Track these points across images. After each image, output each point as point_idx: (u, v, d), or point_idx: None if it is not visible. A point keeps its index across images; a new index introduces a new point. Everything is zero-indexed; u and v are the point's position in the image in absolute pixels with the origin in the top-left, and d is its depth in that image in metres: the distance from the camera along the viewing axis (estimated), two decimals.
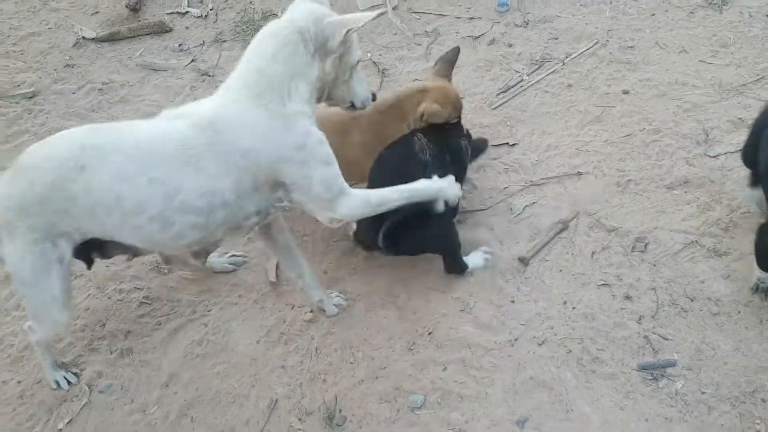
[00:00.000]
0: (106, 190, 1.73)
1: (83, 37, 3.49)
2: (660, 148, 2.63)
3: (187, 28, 3.51)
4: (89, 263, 2.02)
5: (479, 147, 2.61)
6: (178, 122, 1.80)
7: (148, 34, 3.48)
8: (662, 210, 2.42)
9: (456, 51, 2.46)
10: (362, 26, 1.81)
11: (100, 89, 3.24)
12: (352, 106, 2.05)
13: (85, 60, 3.40)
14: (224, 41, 3.41)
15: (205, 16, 3.56)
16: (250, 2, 3.58)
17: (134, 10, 3.57)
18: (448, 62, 2.44)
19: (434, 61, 2.56)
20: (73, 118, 3.12)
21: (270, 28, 1.87)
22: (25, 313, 2.42)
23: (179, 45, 3.42)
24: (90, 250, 1.94)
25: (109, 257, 2.05)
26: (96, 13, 3.66)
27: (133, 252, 2.01)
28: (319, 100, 1.98)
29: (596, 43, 3.07)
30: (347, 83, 1.99)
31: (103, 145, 1.75)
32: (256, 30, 3.35)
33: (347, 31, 1.80)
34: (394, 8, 3.43)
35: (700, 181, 2.48)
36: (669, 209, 2.42)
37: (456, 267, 2.30)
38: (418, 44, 3.24)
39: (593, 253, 2.33)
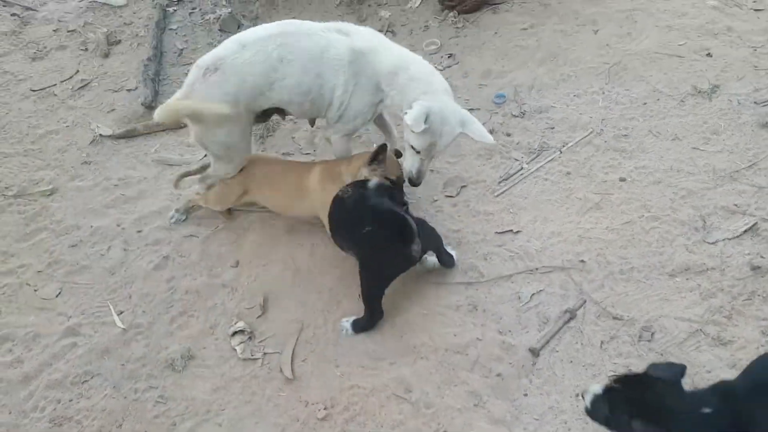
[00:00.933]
0: (292, 77, 2.59)
1: (100, 134, 3.64)
2: (659, 235, 2.71)
3: None
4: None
5: None
6: (341, 38, 2.61)
7: (163, 131, 3.63)
8: (665, 298, 2.49)
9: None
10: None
11: (116, 185, 3.36)
12: None
13: (102, 157, 3.54)
14: None
15: None
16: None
17: (149, 107, 3.73)
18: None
19: None
20: (89, 215, 3.22)
21: (426, 69, 2.64)
22: (43, 414, 2.46)
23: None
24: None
25: (269, 117, 2.94)
26: (112, 110, 3.82)
27: (285, 114, 2.90)
28: None
29: (591, 131, 3.21)
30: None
31: (293, 44, 2.57)
32: (265, 125, 3.53)
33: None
34: None
35: (701, 268, 2.55)
36: (672, 297, 2.49)
37: (449, 255, 2.69)
38: None
39: (602, 342, 2.38)
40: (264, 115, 2.86)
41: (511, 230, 2.84)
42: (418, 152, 2.61)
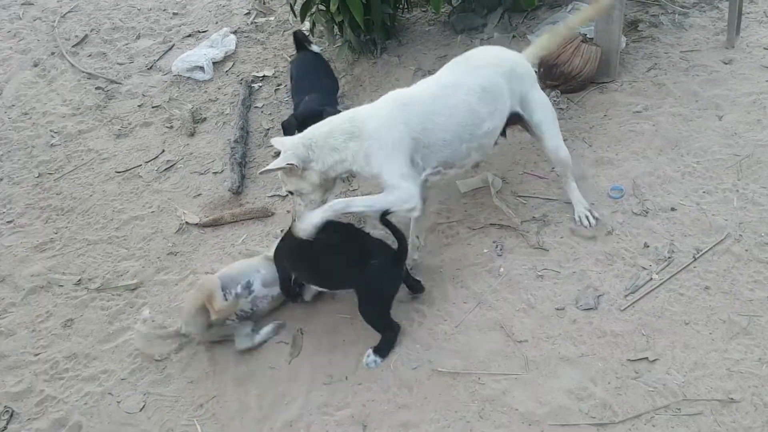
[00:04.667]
0: None
1: (186, 222, 3.49)
2: None
3: (288, 212, 3.47)
4: None
5: None
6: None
7: (250, 219, 3.45)
8: None
9: None
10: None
11: None
12: None
13: (188, 247, 3.37)
14: None
15: None
16: (351, 188, 3.55)
17: (236, 193, 3.58)
18: None
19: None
20: (174, 314, 3.04)
21: None
22: None
23: (281, 230, 3.37)
24: None
25: None
26: (198, 195, 3.68)
27: None
28: None
29: (727, 236, 2.85)
30: None
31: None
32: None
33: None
34: (497, 192, 3.32)
35: None
36: None
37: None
38: (526, 231, 3.08)
39: None
40: None
41: (647, 358, 2.49)
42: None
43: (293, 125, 3.30)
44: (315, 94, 3.54)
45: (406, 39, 4.50)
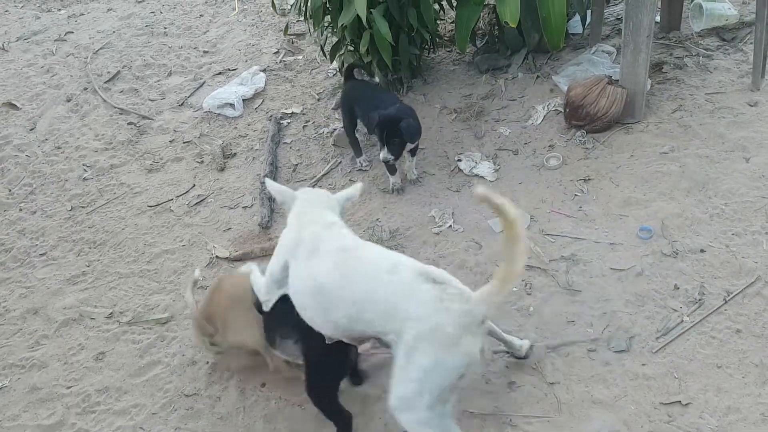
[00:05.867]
0: None
1: (216, 256, 3.55)
2: None
3: None
4: None
5: None
6: None
7: None
8: None
9: None
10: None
11: None
12: None
13: None
14: None
15: None
16: (377, 219, 3.59)
17: (266, 227, 3.64)
18: None
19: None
20: (204, 349, 3.06)
21: None
22: None
23: None
24: None
25: None
26: (228, 229, 3.74)
27: None
28: None
29: (758, 278, 2.84)
30: None
31: None
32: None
33: None
34: (525, 230, 3.34)
35: None
36: None
37: None
38: (555, 271, 3.10)
39: None
40: None
41: (679, 401, 2.47)
42: None
43: (374, 121, 3.45)
44: (401, 106, 3.61)
45: (432, 78, 4.59)
